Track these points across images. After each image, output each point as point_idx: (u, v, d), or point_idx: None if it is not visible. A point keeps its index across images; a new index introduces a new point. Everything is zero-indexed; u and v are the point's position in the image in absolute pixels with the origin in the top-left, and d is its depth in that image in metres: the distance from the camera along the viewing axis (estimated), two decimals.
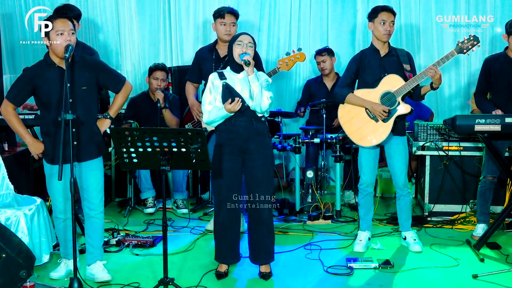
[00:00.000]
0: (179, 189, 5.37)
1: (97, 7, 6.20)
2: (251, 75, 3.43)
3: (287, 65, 4.50)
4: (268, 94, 3.47)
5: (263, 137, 3.55)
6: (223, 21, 4.44)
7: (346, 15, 6.19)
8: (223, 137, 3.55)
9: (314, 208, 5.04)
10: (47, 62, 3.45)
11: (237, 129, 3.51)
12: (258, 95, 3.43)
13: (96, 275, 3.59)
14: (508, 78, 4.24)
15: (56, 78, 3.41)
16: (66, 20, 3.40)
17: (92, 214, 3.59)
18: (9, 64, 6.16)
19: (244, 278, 3.66)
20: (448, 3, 6.00)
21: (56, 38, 3.35)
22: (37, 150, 3.53)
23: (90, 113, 3.52)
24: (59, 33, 3.35)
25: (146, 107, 5.38)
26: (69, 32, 3.37)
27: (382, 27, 3.97)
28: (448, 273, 3.71)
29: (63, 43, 3.33)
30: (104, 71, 3.59)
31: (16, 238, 3.09)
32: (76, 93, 3.42)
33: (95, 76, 3.52)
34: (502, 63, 4.26)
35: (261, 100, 3.44)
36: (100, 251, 3.68)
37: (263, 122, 3.56)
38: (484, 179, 4.37)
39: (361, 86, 4.10)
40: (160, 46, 6.31)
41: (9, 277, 2.97)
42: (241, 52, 3.47)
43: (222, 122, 3.55)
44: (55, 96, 3.40)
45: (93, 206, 3.58)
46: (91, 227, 3.62)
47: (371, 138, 4.02)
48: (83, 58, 3.53)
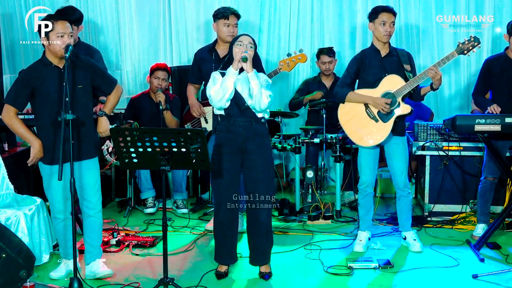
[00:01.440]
0: (178, 189, 5.37)
1: (97, 7, 6.20)
2: (250, 72, 3.43)
3: (289, 66, 4.50)
4: (267, 93, 3.46)
5: (262, 138, 3.55)
6: (227, 22, 4.45)
7: (346, 16, 6.19)
8: (223, 137, 3.55)
9: (314, 208, 5.03)
10: (44, 62, 3.46)
11: (236, 129, 3.51)
12: (258, 93, 3.43)
13: (96, 271, 3.62)
14: (509, 78, 4.24)
15: (54, 78, 3.42)
16: (66, 23, 3.43)
17: (90, 213, 3.61)
18: (9, 64, 6.16)
19: (244, 278, 3.66)
20: (448, 3, 5.99)
21: (56, 39, 3.38)
22: (42, 155, 3.50)
23: (87, 112, 3.54)
24: (59, 35, 3.38)
25: (147, 107, 5.38)
26: (69, 35, 3.41)
27: (382, 28, 3.96)
28: (448, 273, 3.71)
29: (62, 45, 3.35)
30: (98, 72, 3.63)
31: (16, 238, 3.09)
32: (73, 92, 3.43)
33: (90, 76, 3.55)
34: (503, 63, 4.26)
35: (260, 98, 3.44)
36: (99, 250, 3.69)
37: (263, 124, 3.56)
38: (485, 180, 4.37)
39: (362, 86, 4.10)
40: (160, 46, 6.31)
41: (9, 277, 2.98)
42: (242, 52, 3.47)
43: (221, 122, 3.54)
44: (53, 96, 3.41)
45: (91, 205, 3.60)
46: (90, 226, 3.63)
47: (370, 138, 4.02)
48: (78, 58, 3.55)
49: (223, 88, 3.44)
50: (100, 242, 3.72)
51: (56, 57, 3.42)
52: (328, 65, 5.59)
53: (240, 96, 3.50)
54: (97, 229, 3.65)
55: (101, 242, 3.74)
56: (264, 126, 3.57)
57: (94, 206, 3.61)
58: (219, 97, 3.45)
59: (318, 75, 5.75)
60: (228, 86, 3.43)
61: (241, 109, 3.49)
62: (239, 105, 3.50)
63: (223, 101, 3.45)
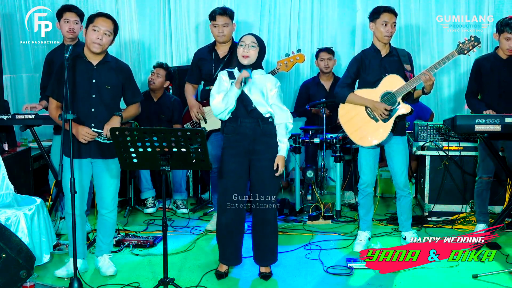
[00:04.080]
0: (178, 189, 5.37)
1: (97, 7, 6.19)
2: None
3: (287, 66, 4.50)
4: (284, 108, 3.56)
5: (269, 137, 3.54)
6: (215, 23, 4.47)
7: (346, 15, 6.19)
8: (230, 139, 3.55)
9: (314, 208, 5.04)
10: (80, 55, 3.53)
11: (244, 130, 3.51)
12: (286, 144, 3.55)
13: (102, 268, 3.69)
14: (499, 77, 4.25)
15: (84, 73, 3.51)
16: (107, 20, 3.52)
17: (102, 212, 3.67)
18: (9, 64, 6.15)
19: (244, 278, 3.66)
20: (448, 3, 5.99)
21: (91, 33, 3.47)
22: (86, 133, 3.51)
23: (109, 111, 3.56)
24: (95, 29, 3.46)
25: (146, 106, 5.36)
26: (104, 32, 3.47)
27: (384, 29, 3.96)
28: (448, 273, 3.71)
29: (95, 40, 3.44)
30: (130, 80, 3.68)
31: (16, 238, 3.09)
32: (99, 90, 3.51)
33: (121, 80, 3.61)
34: (493, 62, 4.28)
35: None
36: (108, 246, 3.77)
37: (270, 123, 3.55)
38: (480, 179, 4.37)
39: (362, 86, 4.10)
40: (160, 46, 6.31)
41: (9, 277, 2.98)
42: (243, 53, 3.47)
43: (228, 123, 3.54)
44: (79, 91, 3.48)
45: (104, 204, 3.66)
46: (101, 224, 3.71)
47: (371, 138, 4.02)
48: (116, 61, 3.64)
49: (225, 102, 3.44)
50: (110, 240, 3.78)
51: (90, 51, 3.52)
52: (327, 62, 5.58)
53: (247, 97, 3.49)
54: (108, 227, 3.72)
55: (111, 239, 3.80)
56: (272, 125, 3.56)
57: (107, 205, 3.66)
58: (221, 110, 3.47)
59: (317, 75, 5.74)
60: (230, 102, 3.44)
61: (248, 110, 3.49)
62: (246, 106, 3.49)
63: (225, 113, 3.49)
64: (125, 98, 3.70)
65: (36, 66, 6.04)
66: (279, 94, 3.57)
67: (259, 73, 3.56)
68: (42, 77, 4.62)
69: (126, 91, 3.67)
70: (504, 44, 4.18)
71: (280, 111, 3.54)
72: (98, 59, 3.53)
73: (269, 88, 3.54)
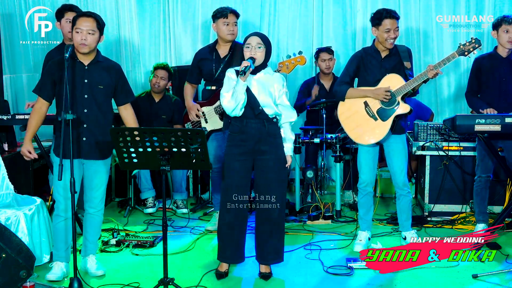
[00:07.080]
0: (178, 189, 5.37)
1: (97, 7, 6.19)
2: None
3: (288, 68, 4.49)
4: (288, 106, 3.59)
5: (274, 137, 3.55)
6: (226, 21, 4.46)
7: (346, 16, 6.18)
8: (235, 138, 3.55)
9: (314, 208, 5.04)
10: (72, 56, 3.49)
11: (249, 130, 3.51)
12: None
13: (90, 269, 3.69)
14: (499, 75, 4.25)
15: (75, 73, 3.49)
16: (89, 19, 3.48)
17: (90, 212, 3.66)
18: (9, 64, 6.15)
19: (244, 278, 3.66)
20: (448, 3, 5.99)
21: (75, 35, 3.45)
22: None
23: (102, 112, 3.54)
24: (78, 30, 3.43)
25: (147, 106, 5.38)
26: (87, 32, 3.44)
27: (387, 34, 3.95)
28: (448, 273, 3.71)
29: (80, 41, 3.43)
30: (123, 79, 3.68)
31: (16, 238, 3.09)
32: (91, 90, 3.50)
33: (114, 80, 3.59)
34: (492, 61, 4.28)
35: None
36: (94, 246, 3.75)
37: (275, 123, 3.56)
38: (479, 178, 4.37)
39: (362, 85, 4.10)
40: (160, 46, 6.31)
41: (9, 277, 2.97)
42: (250, 56, 3.46)
43: (234, 122, 3.54)
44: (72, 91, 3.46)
45: (93, 204, 3.64)
46: (89, 222, 3.69)
47: (369, 136, 4.02)
48: (107, 60, 3.62)
49: (235, 98, 3.42)
50: (97, 238, 3.77)
51: (78, 52, 3.51)
52: (328, 63, 5.59)
53: (255, 99, 3.48)
54: (95, 225, 3.70)
55: (97, 238, 3.79)
56: (277, 126, 3.57)
57: (96, 205, 3.65)
58: (232, 107, 3.44)
59: (317, 75, 5.74)
60: (239, 97, 3.41)
61: (255, 113, 3.49)
62: (253, 108, 3.49)
63: (237, 110, 3.46)
64: (117, 98, 3.67)
65: (36, 66, 6.04)
66: (286, 93, 3.61)
67: (266, 72, 3.56)
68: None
69: (119, 91, 3.64)
70: (503, 38, 4.18)
71: (287, 110, 3.59)
72: (89, 59, 3.51)
73: (277, 89, 3.55)
